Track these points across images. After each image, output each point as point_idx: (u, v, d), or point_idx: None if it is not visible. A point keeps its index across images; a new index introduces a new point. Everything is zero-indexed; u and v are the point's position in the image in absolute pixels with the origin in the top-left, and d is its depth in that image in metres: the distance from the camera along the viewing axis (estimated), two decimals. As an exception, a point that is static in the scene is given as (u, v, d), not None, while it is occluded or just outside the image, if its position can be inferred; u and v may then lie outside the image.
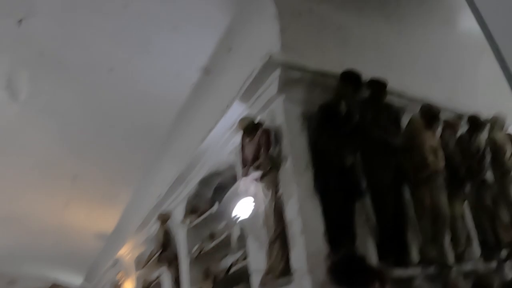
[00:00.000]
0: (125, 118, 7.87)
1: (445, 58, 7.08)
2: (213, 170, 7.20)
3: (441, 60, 7.02)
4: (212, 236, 7.03)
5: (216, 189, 7.11)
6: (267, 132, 5.36)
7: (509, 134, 6.94)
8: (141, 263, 9.57)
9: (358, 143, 5.33)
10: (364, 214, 5.26)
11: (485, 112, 6.82)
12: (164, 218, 8.22)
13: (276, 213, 5.11)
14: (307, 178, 5.04)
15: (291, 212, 4.92)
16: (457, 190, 6.04)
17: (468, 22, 7.18)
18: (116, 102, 7.54)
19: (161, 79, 7.08)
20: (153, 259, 8.65)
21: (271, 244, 5.09)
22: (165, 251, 8.13)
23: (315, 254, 4.64)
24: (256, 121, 5.55)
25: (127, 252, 11.14)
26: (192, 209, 7.62)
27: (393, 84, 5.77)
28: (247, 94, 5.73)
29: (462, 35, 7.34)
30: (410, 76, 6.35)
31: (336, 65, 5.57)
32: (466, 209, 6.26)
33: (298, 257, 4.75)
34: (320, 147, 5.19)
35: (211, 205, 7.01)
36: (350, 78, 5.48)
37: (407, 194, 5.65)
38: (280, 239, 5.02)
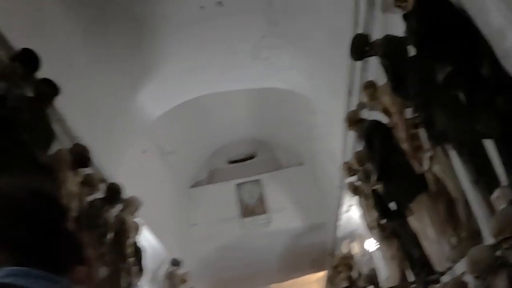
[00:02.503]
0: None
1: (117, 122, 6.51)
2: None
3: (113, 120, 6.42)
4: None
5: None
6: None
7: (136, 222, 6.43)
8: None
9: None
10: None
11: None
12: None
13: None
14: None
15: None
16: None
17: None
18: None
19: None
20: None
21: None
22: None
23: None
24: None
25: None
26: None
27: (59, 103, 4.79)
28: None
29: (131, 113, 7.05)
30: (77, 109, 5.47)
31: (19, 41, 4.41)
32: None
33: None
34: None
35: None
36: (27, 59, 4.32)
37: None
38: None
